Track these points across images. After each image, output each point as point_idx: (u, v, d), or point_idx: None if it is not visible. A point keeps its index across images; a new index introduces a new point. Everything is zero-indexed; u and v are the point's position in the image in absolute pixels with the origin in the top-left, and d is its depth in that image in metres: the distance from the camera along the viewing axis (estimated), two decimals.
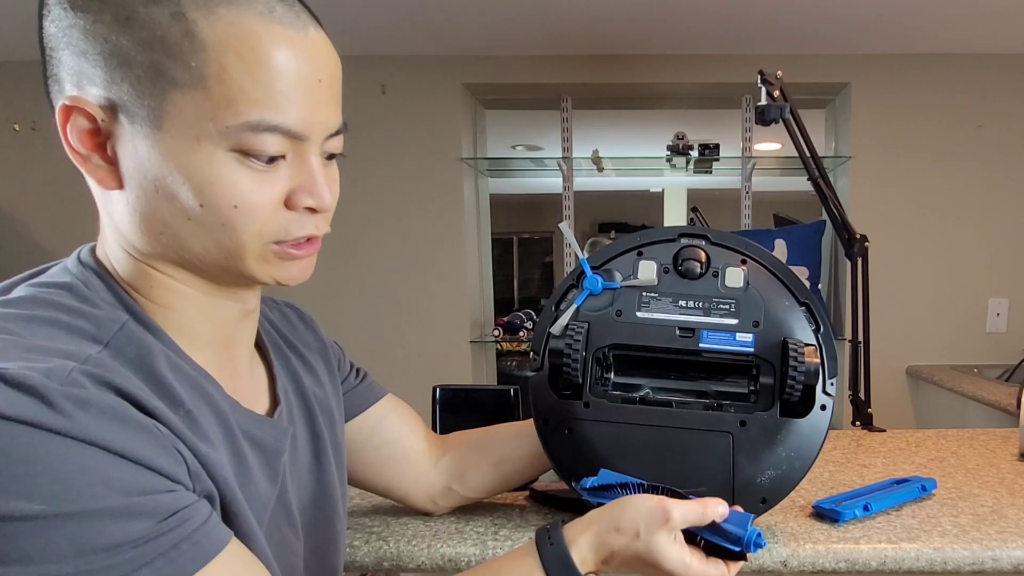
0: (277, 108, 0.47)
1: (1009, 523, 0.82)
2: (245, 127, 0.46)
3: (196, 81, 0.45)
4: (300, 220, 0.51)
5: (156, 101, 0.45)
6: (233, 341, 0.57)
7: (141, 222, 0.49)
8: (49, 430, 0.38)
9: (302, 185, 0.50)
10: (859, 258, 1.42)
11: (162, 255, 0.50)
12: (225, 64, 0.45)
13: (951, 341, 2.35)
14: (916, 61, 2.28)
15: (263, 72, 0.46)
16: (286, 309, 0.72)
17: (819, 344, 0.75)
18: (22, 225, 2.35)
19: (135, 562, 0.40)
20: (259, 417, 0.56)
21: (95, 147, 0.47)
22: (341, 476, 0.69)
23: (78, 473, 0.38)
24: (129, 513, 0.40)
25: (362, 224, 2.34)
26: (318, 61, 0.49)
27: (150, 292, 0.51)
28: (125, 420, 0.41)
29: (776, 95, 1.35)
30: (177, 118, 0.45)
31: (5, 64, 2.23)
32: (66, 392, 0.39)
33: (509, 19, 2.01)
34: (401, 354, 2.38)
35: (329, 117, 0.51)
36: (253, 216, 0.48)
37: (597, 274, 0.77)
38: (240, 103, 0.45)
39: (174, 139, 0.46)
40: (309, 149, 0.50)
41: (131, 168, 0.47)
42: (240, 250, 0.49)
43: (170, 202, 0.47)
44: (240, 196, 0.47)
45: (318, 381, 0.68)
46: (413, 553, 0.78)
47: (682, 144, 2.37)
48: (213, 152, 0.46)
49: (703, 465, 0.73)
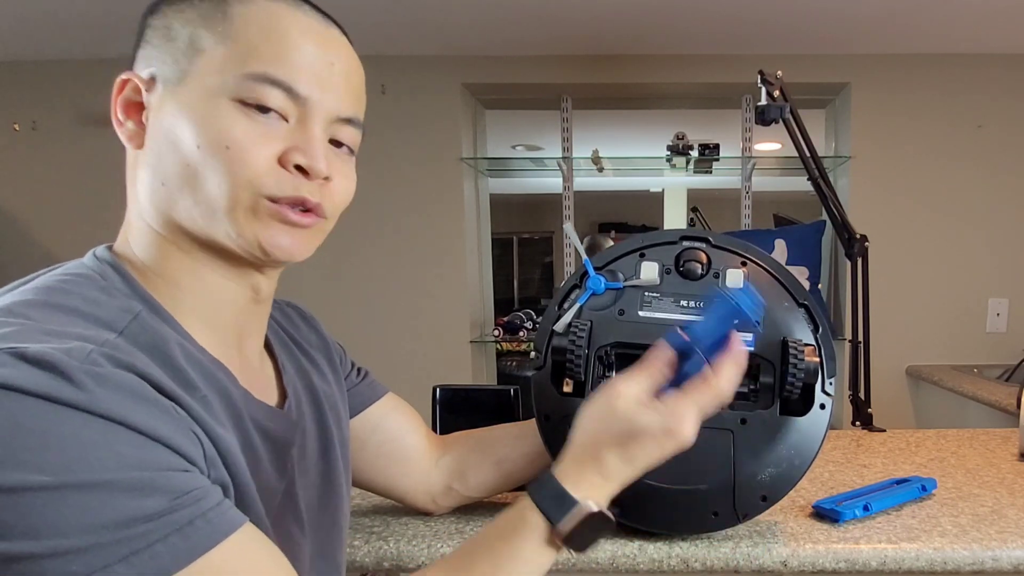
0: (283, 68, 0.51)
1: (1009, 523, 0.82)
2: (249, 76, 0.50)
3: (218, 43, 0.50)
4: (292, 180, 0.52)
5: (186, 64, 0.51)
6: (244, 332, 0.58)
7: (151, 177, 0.52)
8: (66, 403, 0.38)
9: (297, 145, 0.52)
10: (859, 258, 1.42)
11: (169, 220, 0.52)
12: (245, 28, 0.50)
13: (951, 341, 2.35)
14: (916, 61, 2.28)
15: (276, 38, 0.51)
16: (288, 308, 0.72)
17: (818, 344, 0.76)
18: (22, 225, 2.35)
19: (148, 537, 0.39)
20: (270, 408, 0.57)
21: (133, 114, 0.52)
22: (347, 473, 0.69)
23: (91, 446, 0.38)
24: (142, 488, 0.39)
25: (362, 224, 2.34)
26: (332, 49, 0.54)
27: (164, 267, 0.52)
28: (144, 398, 0.42)
29: (776, 95, 1.35)
30: (197, 75, 0.50)
31: (5, 64, 2.23)
32: (85, 368, 0.40)
33: (509, 19, 2.01)
34: (401, 354, 2.39)
35: (339, 99, 0.54)
36: (243, 161, 0.50)
37: (600, 274, 0.78)
38: (250, 58, 0.50)
39: (191, 92, 0.50)
40: (312, 119, 0.53)
41: (153, 126, 0.51)
42: (229, 199, 0.50)
43: (174, 148, 0.50)
44: (233, 139, 0.50)
45: (324, 378, 0.69)
46: (413, 553, 0.78)
47: (682, 144, 2.37)
48: (218, 99, 0.50)
49: (704, 462, 0.73)
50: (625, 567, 0.76)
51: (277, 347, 0.64)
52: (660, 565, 0.76)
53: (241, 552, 0.43)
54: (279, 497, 0.56)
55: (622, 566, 0.76)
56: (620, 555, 0.76)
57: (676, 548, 0.76)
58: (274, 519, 0.55)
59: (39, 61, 2.25)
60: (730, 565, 0.75)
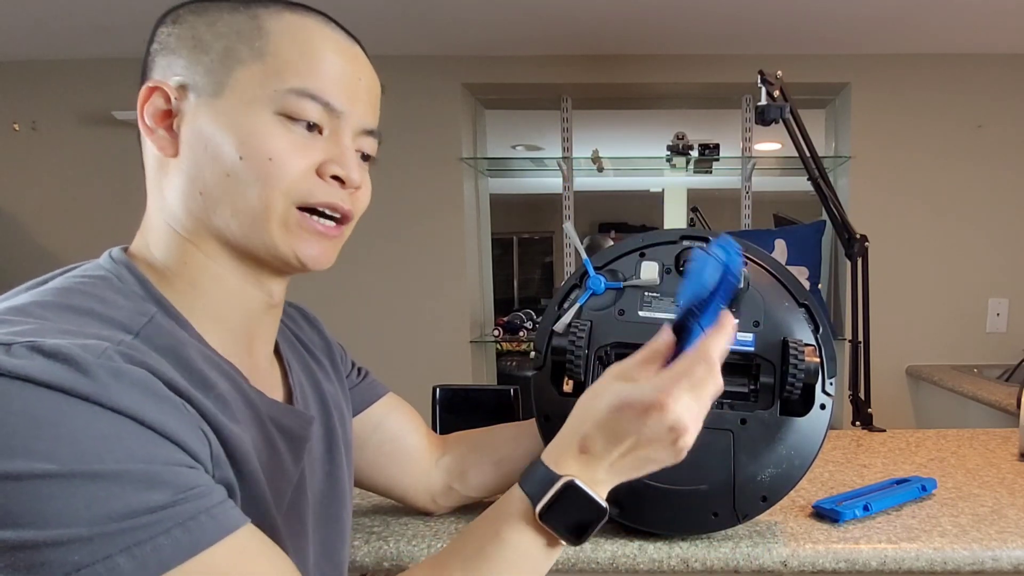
0: (319, 83, 0.53)
1: (1009, 523, 0.82)
2: (290, 91, 0.52)
3: (255, 58, 0.52)
4: (326, 188, 0.55)
5: (223, 77, 0.52)
6: (255, 336, 0.59)
7: (187, 184, 0.53)
8: (78, 395, 0.39)
9: (333, 157, 0.55)
10: (859, 258, 1.42)
11: (202, 226, 0.53)
12: (280, 44, 0.53)
13: (951, 341, 2.35)
14: (916, 61, 2.28)
15: (311, 55, 0.53)
16: (290, 309, 0.73)
17: (818, 344, 0.76)
18: (22, 225, 2.35)
19: (152, 529, 0.39)
20: (284, 406, 0.58)
21: (163, 122, 0.53)
22: (350, 472, 0.70)
23: (101, 438, 0.39)
24: (149, 480, 0.40)
25: (362, 224, 2.31)
26: (359, 66, 0.57)
27: (183, 269, 0.53)
28: (155, 393, 0.42)
29: (776, 95, 1.35)
30: (235, 87, 0.52)
31: (5, 64, 2.23)
32: (101, 363, 0.41)
33: (509, 19, 2.01)
34: (401, 354, 2.39)
35: (365, 113, 0.57)
36: (284, 172, 0.52)
37: (600, 274, 0.78)
38: (287, 72, 0.52)
39: (230, 104, 0.52)
40: (345, 131, 0.56)
41: (189, 135, 0.52)
42: (267, 208, 0.52)
43: (215, 159, 0.52)
44: (276, 151, 0.52)
45: (328, 379, 0.70)
46: (413, 553, 0.78)
47: (682, 144, 2.37)
48: (260, 111, 0.52)
49: (704, 462, 0.73)
50: (625, 567, 0.76)
51: (284, 348, 0.65)
52: (660, 565, 0.76)
53: (243, 550, 0.43)
54: (290, 492, 0.57)
55: (622, 566, 0.76)
56: (620, 555, 0.76)
57: (676, 548, 0.76)
58: (285, 514, 0.55)
59: (39, 61, 2.25)
60: (730, 565, 0.75)
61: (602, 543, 0.77)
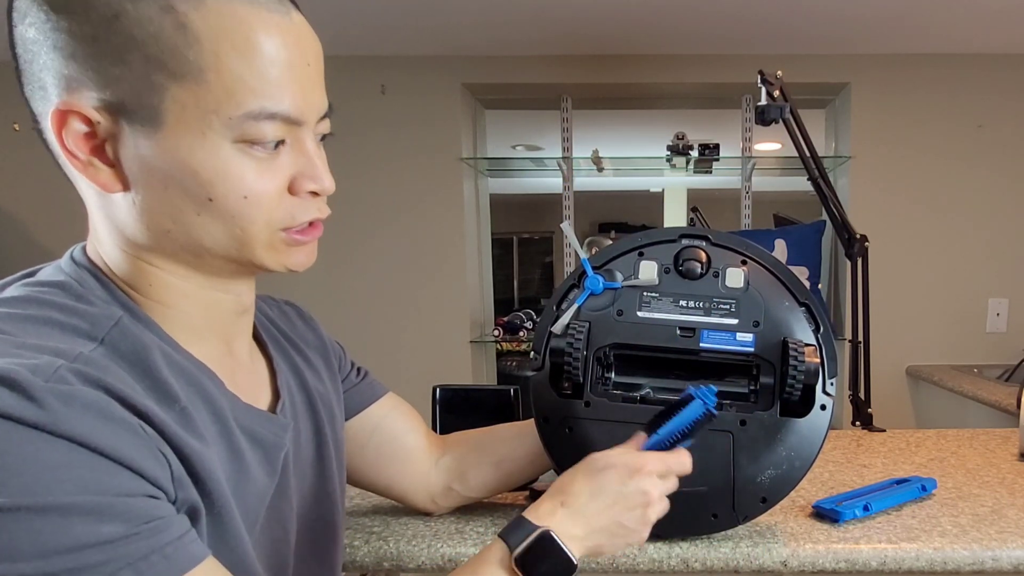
0: (274, 96, 0.47)
1: (1009, 523, 0.82)
2: (247, 116, 0.46)
3: (195, 74, 0.45)
4: (303, 205, 0.52)
5: (156, 98, 0.45)
6: (231, 336, 0.57)
7: (148, 221, 0.48)
8: (26, 424, 0.37)
9: (303, 171, 0.51)
10: (859, 258, 1.42)
11: (165, 252, 0.50)
12: (221, 55, 0.45)
13: (951, 341, 2.35)
14: (916, 61, 2.28)
15: (259, 61, 0.46)
16: (286, 307, 0.72)
17: (819, 344, 0.76)
18: (22, 225, 2.35)
19: (100, 569, 0.37)
20: (259, 412, 0.56)
21: (93, 151, 0.46)
22: (341, 472, 0.69)
23: (50, 468, 0.37)
24: (99, 513, 0.38)
25: (362, 224, 2.34)
26: (304, 45, 0.49)
27: (148, 290, 0.51)
28: (109, 417, 0.40)
29: (776, 95, 1.35)
30: (180, 114, 0.45)
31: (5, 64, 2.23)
32: (50, 387, 0.38)
33: (509, 19, 2.01)
34: (401, 354, 2.38)
35: (320, 99, 0.52)
36: (262, 205, 0.49)
37: (598, 274, 0.77)
38: (240, 93, 0.46)
39: (178, 135, 0.46)
40: (305, 134, 0.51)
41: (136, 169, 0.46)
42: (251, 240, 0.50)
43: (180, 199, 0.47)
44: (249, 187, 0.48)
45: (319, 377, 0.69)
46: (413, 553, 0.78)
47: (682, 144, 2.37)
48: (219, 144, 0.46)
49: (704, 464, 0.73)
50: (625, 567, 0.76)
51: (271, 346, 0.64)
52: (660, 565, 0.76)
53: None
54: (268, 499, 0.56)
55: (622, 566, 0.76)
56: (620, 555, 0.76)
57: (676, 548, 0.76)
58: (263, 522, 0.55)
59: None
60: (730, 565, 0.75)
61: None
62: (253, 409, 0.55)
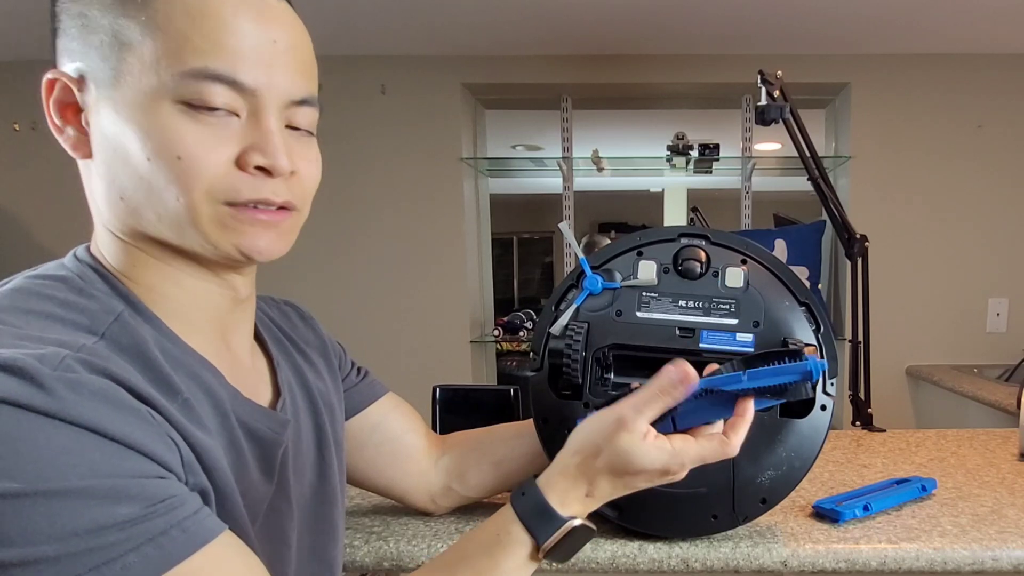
0: (222, 58, 0.46)
1: (1009, 523, 0.82)
2: (188, 74, 0.46)
3: (145, 35, 0.46)
4: (252, 182, 0.49)
5: (115, 62, 0.46)
6: (228, 330, 0.56)
7: (107, 189, 0.49)
8: (37, 411, 0.38)
9: (254, 144, 0.49)
10: (859, 258, 1.42)
11: (136, 231, 0.50)
12: (171, 15, 0.46)
13: (951, 341, 2.35)
14: (916, 61, 2.28)
15: (208, 23, 0.46)
16: (285, 307, 0.72)
17: (819, 344, 0.75)
18: (22, 225, 2.35)
19: (120, 547, 0.38)
20: (259, 408, 0.56)
21: (71, 118, 0.49)
22: (341, 471, 0.69)
23: (62, 453, 0.38)
24: (115, 495, 0.39)
25: (362, 224, 2.34)
26: (273, 24, 0.49)
27: (141, 277, 0.51)
28: (118, 404, 0.41)
29: (776, 95, 1.35)
30: (129, 75, 0.46)
31: (5, 64, 2.23)
32: (58, 375, 0.39)
33: (509, 19, 2.01)
34: (401, 354, 2.39)
35: (290, 82, 0.50)
36: (198, 170, 0.47)
37: (597, 274, 0.77)
38: (184, 52, 0.46)
39: (127, 95, 0.46)
40: (265, 110, 0.49)
41: (96, 134, 0.48)
42: (191, 211, 0.48)
43: (125, 161, 0.47)
44: (184, 147, 0.46)
45: (320, 376, 0.68)
46: (413, 553, 0.78)
47: (682, 144, 2.37)
48: (160, 102, 0.46)
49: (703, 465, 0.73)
50: (625, 567, 0.76)
51: (271, 344, 0.64)
52: (660, 565, 0.76)
53: (216, 563, 0.42)
54: (268, 497, 0.56)
55: (622, 566, 0.76)
56: (620, 555, 0.76)
57: (676, 548, 0.76)
58: (263, 520, 0.55)
59: (39, 61, 2.23)
60: (730, 565, 0.75)
61: (602, 543, 0.77)
62: (253, 404, 0.55)
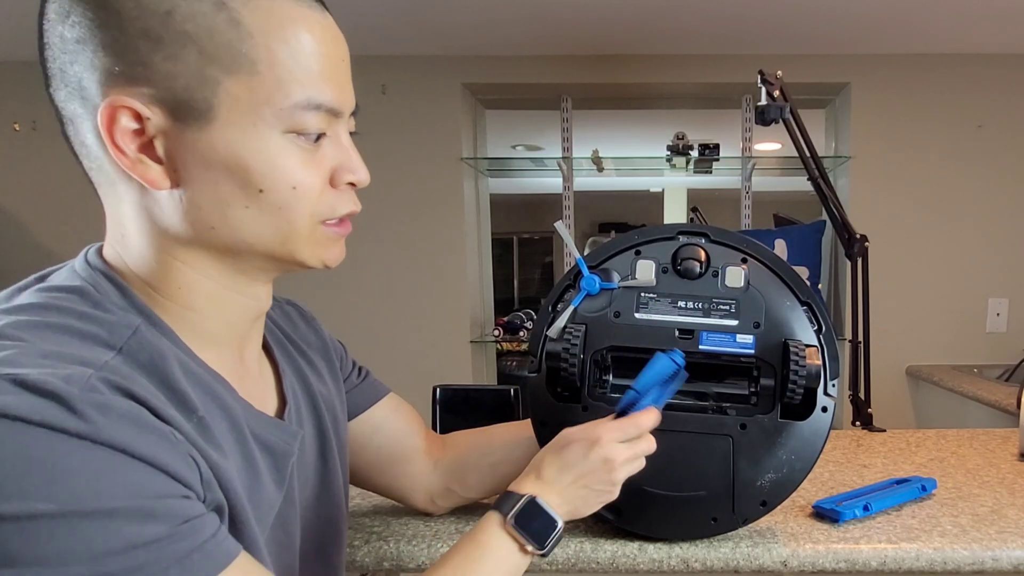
0: (318, 87, 0.49)
1: (1009, 523, 0.82)
2: (296, 107, 0.48)
3: (248, 67, 0.46)
4: (343, 197, 0.54)
5: (209, 92, 0.46)
6: (244, 342, 0.57)
7: (194, 218, 0.49)
8: (70, 434, 0.38)
9: (342, 163, 0.53)
10: (859, 258, 1.42)
11: (204, 250, 0.50)
12: (273, 49, 0.47)
13: (951, 341, 2.35)
14: (916, 61, 2.28)
15: (304, 54, 0.48)
16: (287, 307, 0.72)
17: (821, 345, 0.74)
18: (22, 225, 2.35)
19: (149, 568, 0.40)
20: (270, 420, 0.57)
21: (142, 148, 0.47)
22: (345, 474, 0.69)
23: (95, 475, 0.39)
24: (144, 515, 0.40)
25: (362, 224, 2.32)
26: (340, 42, 0.52)
27: (168, 290, 0.51)
28: (143, 425, 0.42)
29: (776, 95, 1.35)
30: (232, 107, 0.47)
31: (5, 64, 2.23)
32: (87, 397, 0.40)
33: (509, 19, 2.01)
34: (401, 354, 2.38)
35: (351, 94, 0.54)
36: (308, 196, 0.50)
37: (594, 274, 0.76)
38: (289, 84, 0.48)
39: (230, 128, 0.47)
40: (341, 127, 0.53)
41: (188, 164, 0.47)
42: (294, 233, 0.51)
43: (230, 193, 0.48)
44: (297, 177, 0.49)
45: (322, 379, 0.69)
46: (413, 553, 0.78)
47: (682, 144, 2.37)
48: (269, 135, 0.48)
49: (703, 468, 0.73)
50: (625, 567, 0.76)
51: (276, 350, 0.64)
52: (660, 565, 0.76)
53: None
54: (277, 507, 0.56)
55: (622, 566, 0.76)
56: (620, 555, 0.76)
57: (676, 548, 0.76)
58: (271, 529, 0.55)
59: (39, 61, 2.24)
60: (730, 565, 0.75)
61: (602, 543, 0.77)
62: (265, 416, 0.56)
